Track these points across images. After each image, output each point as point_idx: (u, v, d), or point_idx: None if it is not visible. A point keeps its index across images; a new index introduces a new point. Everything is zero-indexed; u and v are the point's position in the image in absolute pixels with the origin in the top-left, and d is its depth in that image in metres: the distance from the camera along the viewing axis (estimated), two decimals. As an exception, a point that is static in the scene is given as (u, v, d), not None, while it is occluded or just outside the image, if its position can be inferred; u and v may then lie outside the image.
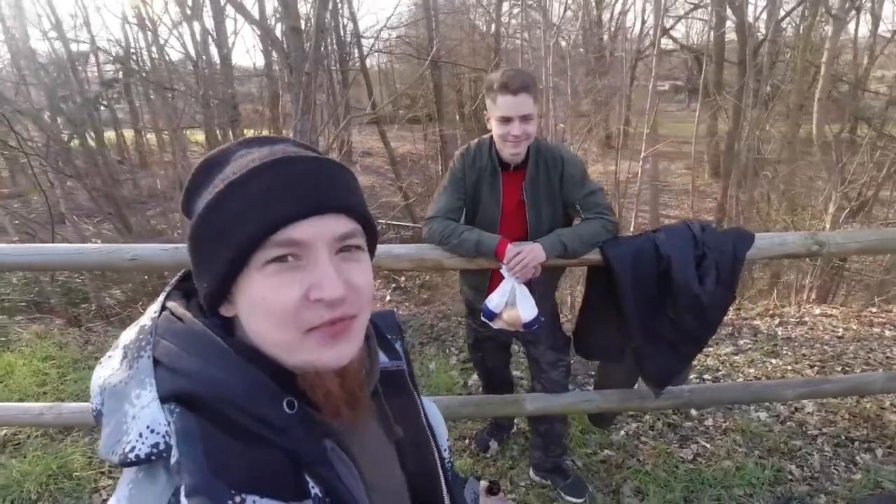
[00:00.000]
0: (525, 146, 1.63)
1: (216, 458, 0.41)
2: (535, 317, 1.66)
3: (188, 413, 0.43)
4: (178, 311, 0.50)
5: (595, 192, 1.71)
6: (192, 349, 0.46)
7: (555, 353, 1.93)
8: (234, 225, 0.45)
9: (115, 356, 0.49)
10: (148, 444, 0.42)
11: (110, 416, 0.45)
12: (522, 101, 1.55)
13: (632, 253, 1.67)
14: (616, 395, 1.92)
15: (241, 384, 0.45)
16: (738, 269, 1.66)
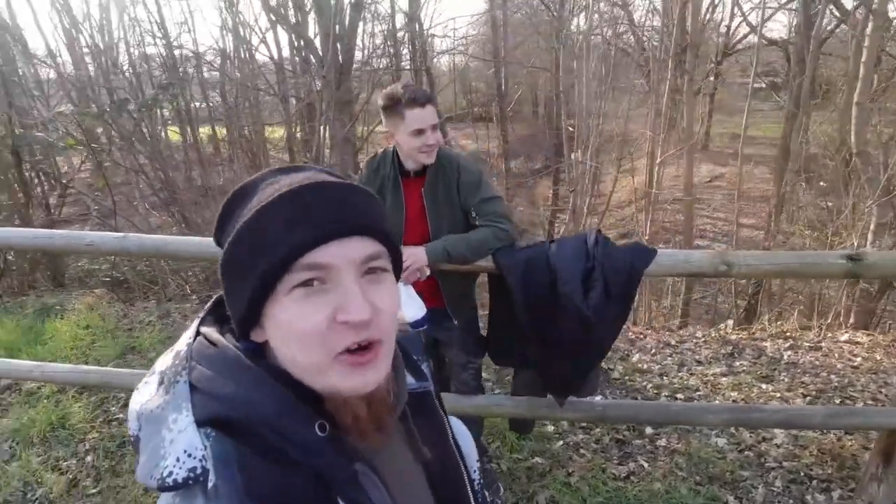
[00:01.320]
0: (435, 152, 1.70)
1: (252, 482, 0.42)
2: (422, 317, 1.72)
3: (224, 437, 0.44)
4: (211, 336, 0.51)
5: (490, 199, 1.74)
6: (226, 373, 0.47)
7: (465, 355, 1.97)
8: (260, 252, 0.47)
9: (152, 382, 0.50)
10: (185, 469, 0.43)
11: (148, 441, 0.46)
12: (430, 111, 1.63)
13: (523, 263, 1.68)
14: (526, 402, 1.93)
15: (274, 407, 0.46)
16: (632, 285, 1.62)
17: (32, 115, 6.10)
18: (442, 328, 1.96)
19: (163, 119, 7.61)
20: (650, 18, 13.34)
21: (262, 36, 11.35)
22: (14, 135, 5.20)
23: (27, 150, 5.78)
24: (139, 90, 8.40)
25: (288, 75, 9.80)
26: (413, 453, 0.57)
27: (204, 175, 8.76)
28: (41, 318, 3.92)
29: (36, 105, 7.16)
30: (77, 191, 6.83)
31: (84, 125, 4.66)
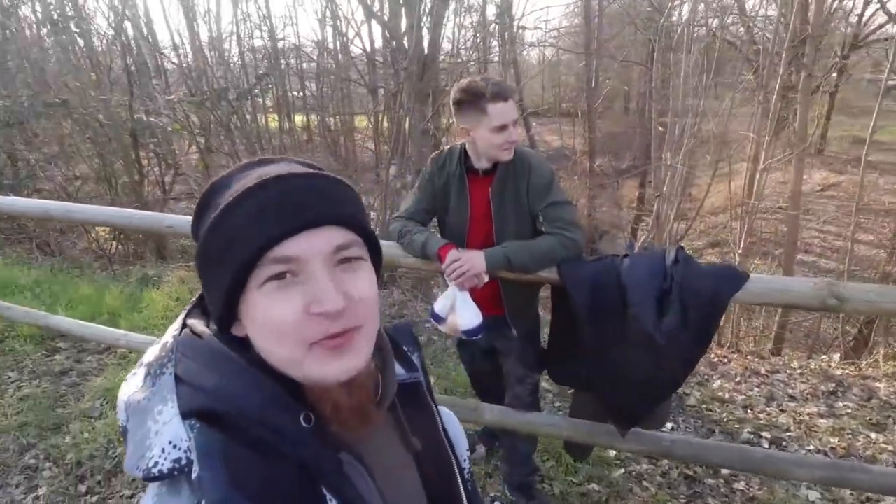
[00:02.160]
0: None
1: (235, 472, 0.42)
2: (477, 326, 1.64)
3: (208, 429, 0.44)
4: (197, 328, 0.51)
5: (559, 203, 1.61)
6: (211, 366, 0.47)
7: (523, 367, 1.87)
8: (229, 246, 0.47)
9: (140, 373, 0.50)
10: (170, 460, 0.43)
11: (135, 431, 0.46)
12: (512, 106, 1.56)
13: (590, 277, 1.55)
14: (585, 426, 1.79)
15: (258, 399, 0.46)
16: (715, 314, 1.43)
17: (151, 103, 6.73)
18: (501, 337, 1.87)
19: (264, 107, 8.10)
20: (764, 7, 12.11)
21: (357, 28, 11.76)
22: (133, 120, 5.75)
23: (145, 134, 6.42)
24: (243, 80, 9.02)
25: (378, 66, 10.04)
26: (403, 444, 0.57)
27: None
28: (141, 287, 4.31)
29: (155, 93, 7.91)
30: (183, 172, 7.46)
31: (188, 112, 5.07)
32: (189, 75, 7.64)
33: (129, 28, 7.26)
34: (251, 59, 11.80)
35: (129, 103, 5.77)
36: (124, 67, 6.30)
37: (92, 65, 6.66)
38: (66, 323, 2.57)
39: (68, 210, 2.18)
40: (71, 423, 2.52)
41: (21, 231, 5.72)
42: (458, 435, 0.68)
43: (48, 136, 7.74)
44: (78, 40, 6.54)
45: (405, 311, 3.85)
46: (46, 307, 3.67)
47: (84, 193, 7.30)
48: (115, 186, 6.33)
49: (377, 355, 0.57)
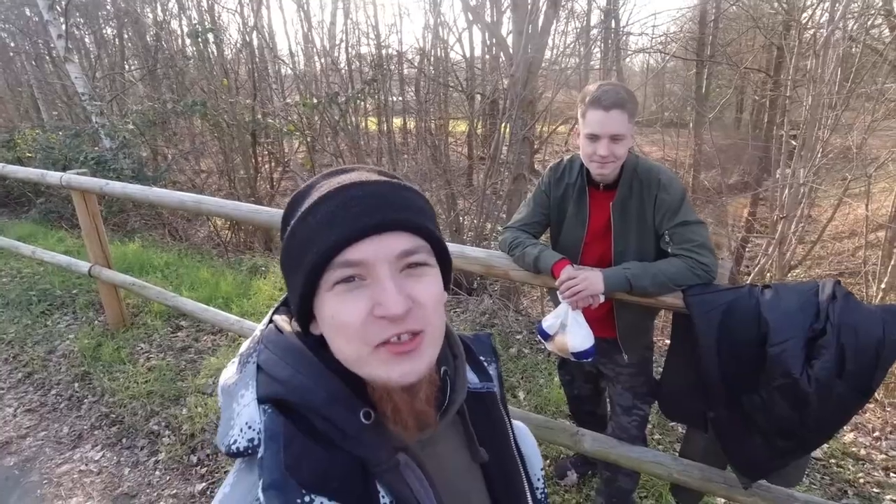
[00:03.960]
0: (613, 168, 1.50)
1: (293, 458, 0.45)
2: (589, 348, 1.55)
3: (277, 415, 0.47)
4: (280, 324, 0.56)
5: (690, 224, 1.47)
6: (287, 358, 0.51)
7: (632, 397, 1.74)
8: (303, 252, 0.50)
9: (235, 362, 0.55)
10: (246, 439, 0.48)
11: (224, 411, 0.51)
12: (614, 118, 1.43)
13: (722, 307, 1.40)
14: (697, 469, 1.62)
15: (324, 394, 0.48)
16: (881, 362, 1.22)
17: (270, 105, 7.32)
18: (610, 362, 1.76)
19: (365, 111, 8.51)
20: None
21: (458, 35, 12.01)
22: (254, 121, 6.26)
23: (262, 134, 6.99)
24: (350, 85, 9.53)
25: (477, 73, 10.15)
26: (470, 453, 0.57)
27: (391, 162, 9.58)
28: (251, 275, 4.66)
29: (272, 96, 8.59)
30: (291, 170, 8.00)
31: (302, 114, 5.42)
32: (301, 80, 8.22)
33: (255, 38, 7.94)
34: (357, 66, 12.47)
35: (252, 106, 6.28)
36: (249, 73, 6.88)
37: (223, 71, 7.37)
38: (190, 304, 2.82)
39: (199, 202, 2.39)
40: (188, 397, 2.76)
41: (158, 217, 6.45)
42: (532, 452, 0.68)
43: (183, 135, 8.70)
44: (212, 49, 7.29)
45: (496, 320, 3.79)
46: (174, 287, 4.09)
47: (207, 186, 8.10)
48: (234, 181, 6.94)
49: (449, 361, 0.58)
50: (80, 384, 2.95)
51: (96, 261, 3.16)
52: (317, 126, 6.11)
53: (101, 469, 2.39)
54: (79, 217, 3.10)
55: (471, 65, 10.62)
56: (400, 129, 13.72)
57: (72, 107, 8.19)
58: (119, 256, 4.68)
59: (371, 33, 11.50)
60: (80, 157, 5.65)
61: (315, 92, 7.21)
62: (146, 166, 6.72)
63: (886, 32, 10.72)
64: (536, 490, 0.66)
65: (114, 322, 3.41)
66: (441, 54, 11.83)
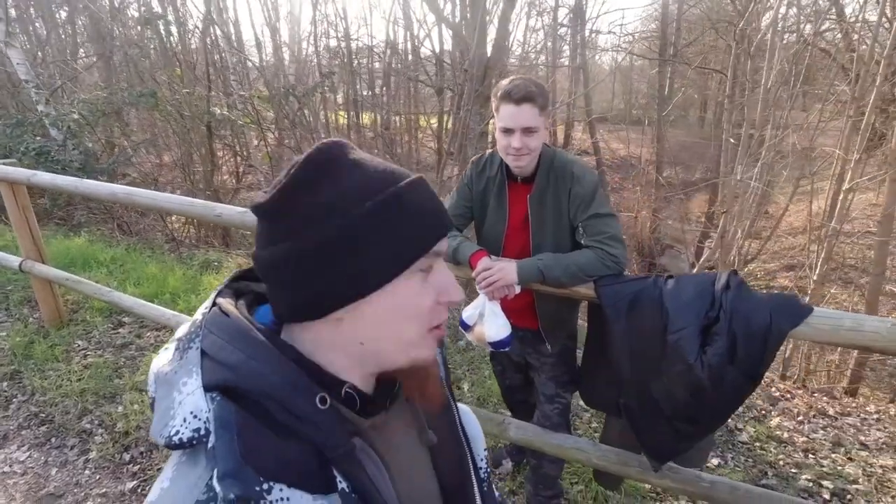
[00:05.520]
0: (528, 160, 1.53)
1: (248, 445, 0.43)
2: (505, 338, 1.58)
3: (228, 402, 0.45)
4: (226, 307, 0.52)
5: (602, 216, 1.51)
6: (237, 343, 0.48)
7: (554, 386, 1.78)
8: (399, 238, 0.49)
9: (171, 348, 0.52)
10: (190, 429, 0.45)
11: (161, 401, 0.48)
12: (525, 111, 1.46)
13: (628, 297, 1.44)
14: (615, 454, 1.68)
15: (278, 378, 0.47)
16: (767, 347, 1.28)
17: (226, 98, 7.14)
18: (534, 352, 1.80)
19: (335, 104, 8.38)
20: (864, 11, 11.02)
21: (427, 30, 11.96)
22: (208, 113, 6.11)
23: (220, 127, 6.82)
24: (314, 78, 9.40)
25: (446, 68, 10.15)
26: (418, 436, 0.59)
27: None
28: (202, 270, 4.56)
29: (231, 88, 8.39)
30: (252, 165, 7.85)
31: (257, 107, 5.31)
32: (264, 72, 8.06)
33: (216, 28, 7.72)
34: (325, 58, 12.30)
35: (207, 97, 6.12)
36: (206, 64, 6.70)
37: (179, 61, 7.16)
38: (128, 300, 2.75)
39: (130, 194, 2.32)
40: (124, 394, 2.69)
41: (107, 212, 6.23)
42: (476, 434, 0.70)
43: (142, 126, 8.41)
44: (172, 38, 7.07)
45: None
46: (118, 283, 3.96)
47: (166, 181, 7.87)
48: (191, 174, 6.76)
49: None
50: (10, 383, 2.84)
51: (28, 255, 3.04)
52: (274, 119, 6.00)
53: (27, 470, 2.31)
54: (7, 210, 2.98)
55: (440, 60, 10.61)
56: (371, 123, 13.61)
57: (15, 95, 7.81)
58: (62, 251, 4.51)
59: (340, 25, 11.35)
60: (21, 148, 5.41)
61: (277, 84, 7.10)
62: (97, 159, 6.48)
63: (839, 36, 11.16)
64: (480, 470, 0.67)
65: (49, 319, 3.29)
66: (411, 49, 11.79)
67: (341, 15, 18.11)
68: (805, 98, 10.73)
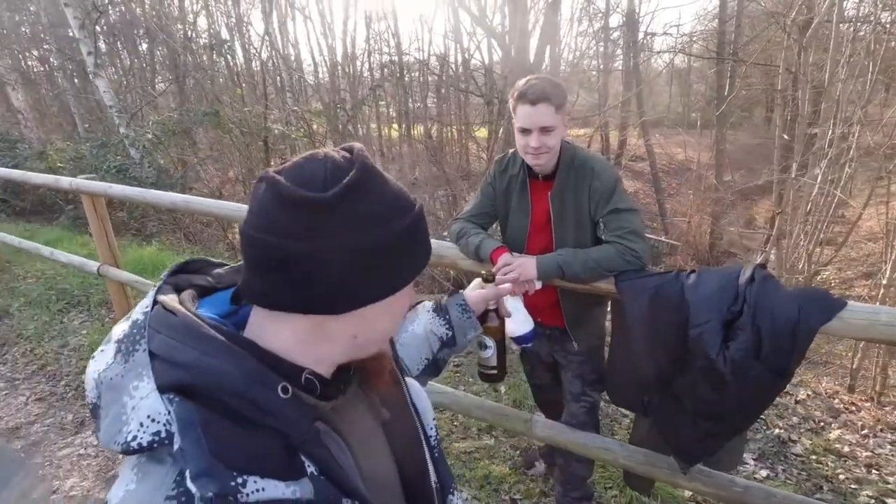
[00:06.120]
0: (547, 159, 1.55)
1: (216, 442, 0.43)
2: (527, 333, 1.58)
3: (186, 402, 0.45)
4: (170, 305, 0.51)
5: (622, 211, 1.50)
6: (188, 341, 0.47)
7: (581, 384, 1.77)
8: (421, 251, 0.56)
9: (108, 350, 0.50)
10: (149, 433, 0.44)
11: (108, 407, 0.47)
12: (541, 111, 1.49)
13: (649, 292, 1.42)
14: (642, 455, 1.64)
15: (237, 372, 0.47)
16: (796, 343, 1.23)
17: (281, 114, 7.57)
18: (562, 350, 1.80)
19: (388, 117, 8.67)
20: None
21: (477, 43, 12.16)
22: (265, 128, 6.50)
23: (276, 142, 7.24)
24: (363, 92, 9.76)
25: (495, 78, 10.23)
26: (373, 414, 0.62)
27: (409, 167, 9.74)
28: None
29: (288, 105, 8.88)
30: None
31: (309, 121, 5.61)
32: (319, 89, 8.48)
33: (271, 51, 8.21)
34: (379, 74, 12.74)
35: (264, 114, 6.52)
36: (264, 84, 7.15)
37: (241, 82, 7.68)
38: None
39: (187, 201, 2.54)
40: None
41: (175, 223, 6.74)
42: (425, 406, 0.73)
43: (210, 144, 9.06)
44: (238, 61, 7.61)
45: (488, 319, 3.83)
46: (182, 287, 4.28)
47: (229, 193, 8.40)
48: (250, 188, 7.20)
49: None
50: (87, 375, 3.14)
51: (105, 261, 3.36)
52: (326, 132, 6.29)
53: (98, 453, 2.55)
54: (88, 219, 3.31)
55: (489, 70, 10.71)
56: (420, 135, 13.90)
57: (103, 120, 8.64)
58: (136, 258, 4.93)
59: (391, 42, 11.73)
60: (105, 166, 5.98)
61: (332, 99, 7.45)
62: (169, 175, 7.05)
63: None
64: (431, 438, 0.71)
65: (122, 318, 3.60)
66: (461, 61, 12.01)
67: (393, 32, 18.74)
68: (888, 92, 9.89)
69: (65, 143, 7.56)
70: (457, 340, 0.99)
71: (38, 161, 6.92)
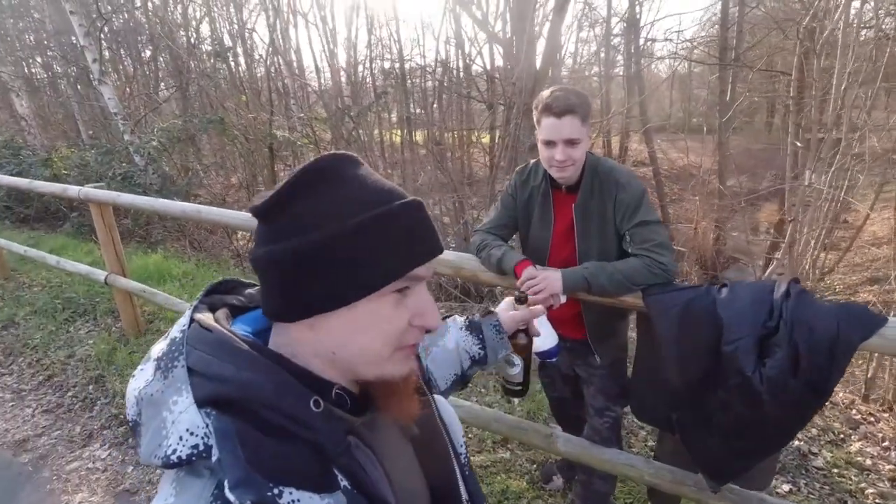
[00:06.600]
0: (571, 171, 1.53)
1: (253, 454, 0.44)
2: (552, 348, 1.55)
3: (223, 415, 0.46)
4: (206, 322, 0.53)
5: (649, 223, 1.47)
6: (224, 356, 0.49)
7: (604, 399, 1.74)
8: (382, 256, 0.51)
9: (148, 368, 0.51)
10: (188, 446, 0.45)
11: (149, 423, 0.48)
12: (567, 123, 1.46)
13: (679, 307, 1.39)
14: (668, 472, 1.60)
15: (270, 385, 0.48)
16: (835, 360, 1.20)
17: (286, 121, 7.57)
18: (584, 363, 1.77)
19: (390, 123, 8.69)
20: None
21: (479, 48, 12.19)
22: (270, 135, 6.49)
23: (280, 148, 7.23)
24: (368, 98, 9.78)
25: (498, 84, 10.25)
26: (401, 430, 0.62)
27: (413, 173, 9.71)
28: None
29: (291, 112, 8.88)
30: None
31: (315, 128, 5.60)
32: (322, 95, 8.48)
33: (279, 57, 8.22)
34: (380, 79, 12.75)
35: (269, 121, 6.51)
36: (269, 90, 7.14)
37: (245, 88, 7.68)
38: (196, 310, 2.94)
39: (199, 211, 2.51)
40: (193, 399, 2.87)
41: (180, 230, 6.72)
42: (453, 421, 0.72)
43: (213, 151, 9.05)
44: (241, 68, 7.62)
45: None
46: (189, 295, 4.25)
47: (233, 200, 8.39)
48: (254, 194, 7.18)
49: None
50: (94, 386, 3.10)
51: (112, 269, 3.33)
52: (332, 139, 6.28)
53: (107, 467, 2.51)
54: (96, 228, 3.29)
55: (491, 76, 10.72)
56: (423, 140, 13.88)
57: (107, 126, 8.64)
58: (141, 266, 4.90)
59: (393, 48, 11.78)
60: (109, 173, 5.96)
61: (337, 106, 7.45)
62: (174, 181, 7.04)
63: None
64: (460, 456, 0.69)
65: (129, 328, 3.57)
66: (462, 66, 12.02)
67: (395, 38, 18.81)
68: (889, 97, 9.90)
69: (69, 150, 7.55)
70: (488, 359, 0.99)
71: (42, 168, 6.91)
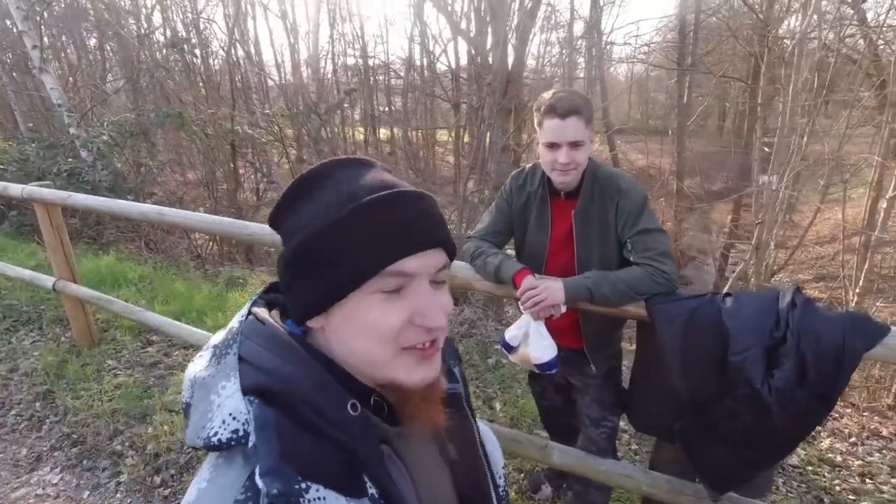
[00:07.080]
0: (574, 175, 1.48)
1: (287, 446, 0.45)
2: (552, 359, 1.51)
3: (265, 405, 0.47)
4: (261, 316, 0.55)
5: (650, 231, 1.44)
6: (273, 349, 0.50)
7: (600, 409, 1.70)
8: (352, 253, 0.49)
9: (206, 355, 0.54)
10: (229, 430, 0.46)
11: (198, 404, 0.49)
12: (571, 125, 1.41)
13: (684, 316, 1.37)
14: (665, 482, 1.59)
15: (311, 383, 0.49)
16: (841, 369, 1.20)
17: (250, 116, 7.26)
18: (578, 373, 1.73)
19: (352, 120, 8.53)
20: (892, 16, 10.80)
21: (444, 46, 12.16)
22: (233, 131, 6.20)
23: (243, 145, 6.93)
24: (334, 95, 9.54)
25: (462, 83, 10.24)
26: (439, 450, 0.60)
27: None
28: (228, 288, 4.57)
29: (254, 107, 8.54)
30: (274, 181, 7.94)
31: (281, 124, 5.38)
32: (285, 90, 8.20)
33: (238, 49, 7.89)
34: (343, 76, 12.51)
35: (231, 116, 6.23)
36: (230, 83, 6.85)
37: (204, 82, 7.32)
38: (156, 319, 2.74)
39: (161, 213, 2.33)
40: (154, 415, 2.67)
41: (134, 230, 6.33)
42: (495, 450, 0.71)
43: (168, 146, 8.59)
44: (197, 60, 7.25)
45: (475, 330, 3.75)
46: (147, 301, 3.99)
47: (191, 198, 8.00)
48: (215, 192, 6.86)
49: None
50: (42, 403, 2.85)
51: (61, 275, 3.07)
52: (295, 136, 6.06)
53: (59, 493, 2.29)
54: (42, 231, 3.02)
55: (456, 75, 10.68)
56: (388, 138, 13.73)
57: (49, 118, 8.06)
58: (92, 270, 4.57)
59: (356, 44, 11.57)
60: (54, 169, 5.54)
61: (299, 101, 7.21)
62: (125, 178, 6.62)
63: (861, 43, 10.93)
64: (499, 488, 0.68)
65: (81, 338, 3.31)
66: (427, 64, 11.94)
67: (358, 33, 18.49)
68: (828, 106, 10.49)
69: (7, 144, 6.98)
70: None
71: (-25, 162, 6.35)
